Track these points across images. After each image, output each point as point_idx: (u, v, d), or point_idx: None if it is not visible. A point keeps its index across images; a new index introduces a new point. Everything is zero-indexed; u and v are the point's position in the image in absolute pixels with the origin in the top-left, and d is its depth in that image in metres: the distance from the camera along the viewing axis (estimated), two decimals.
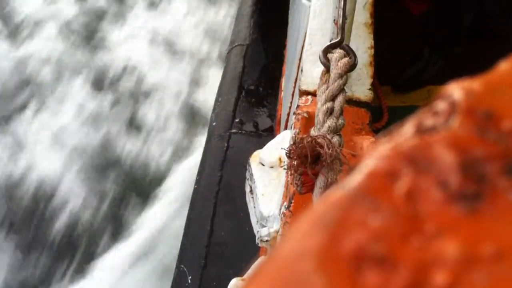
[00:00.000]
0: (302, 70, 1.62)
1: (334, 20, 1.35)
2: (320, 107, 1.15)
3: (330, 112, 1.14)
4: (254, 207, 1.60)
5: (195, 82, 4.97)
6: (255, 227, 1.58)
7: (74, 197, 4.32)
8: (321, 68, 1.24)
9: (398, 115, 1.36)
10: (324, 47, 1.25)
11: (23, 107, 4.90)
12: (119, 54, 5.26)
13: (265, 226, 1.52)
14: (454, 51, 2.88)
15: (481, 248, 0.24)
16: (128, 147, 4.61)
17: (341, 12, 1.30)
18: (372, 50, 1.66)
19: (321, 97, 1.17)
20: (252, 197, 1.62)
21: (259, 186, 1.58)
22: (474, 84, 0.29)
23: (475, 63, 0.84)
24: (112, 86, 5.04)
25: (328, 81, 1.18)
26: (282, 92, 3.22)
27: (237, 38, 3.88)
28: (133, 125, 4.77)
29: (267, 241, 1.50)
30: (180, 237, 2.92)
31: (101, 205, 4.29)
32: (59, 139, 4.62)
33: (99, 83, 5.03)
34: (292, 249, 0.26)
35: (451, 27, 2.82)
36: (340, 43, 1.26)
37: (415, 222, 0.25)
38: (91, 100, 4.89)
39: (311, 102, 1.50)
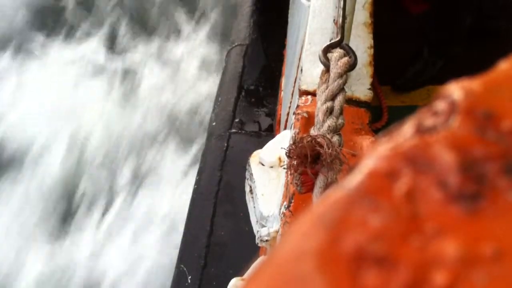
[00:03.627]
0: (301, 69, 1.62)
1: (334, 19, 1.35)
2: (320, 106, 1.15)
3: (330, 111, 1.14)
4: (254, 207, 1.60)
5: None
6: (255, 227, 1.58)
7: None
8: (321, 67, 1.24)
9: (398, 115, 1.36)
10: (323, 46, 1.25)
11: None
12: None
13: (265, 226, 1.52)
14: (453, 51, 2.89)
15: (480, 248, 0.24)
16: None
17: (340, 12, 1.30)
18: (372, 50, 1.66)
19: (320, 97, 1.17)
20: (252, 197, 1.62)
21: (259, 186, 1.58)
22: (474, 84, 0.29)
23: (475, 63, 0.84)
24: None
25: (328, 81, 1.18)
26: (282, 92, 3.22)
27: (237, 38, 3.88)
28: None
29: (267, 241, 1.50)
30: None
31: None
32: None
33: None
34: (292, 249, 0.26)
35: (451, 27, 2.82)
36: (340, 43, 1.26)
37: (415, 222, 0.25)
38: None
39: (311, 101, 1.51)
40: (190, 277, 2.70)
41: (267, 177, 1.59)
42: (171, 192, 4.10)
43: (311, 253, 0.25)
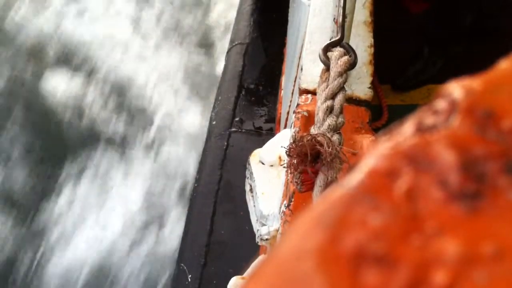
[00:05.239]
0: (302, 68, 1.62)
1: (334, 18, 1.35)
2: (320, 105, 1.15)
3: (330, 110, 1.14)
4: (254, 205, 1.60)
5: None
6: (255, 226, 1.58)
7: None
8: (321, 66, 1.23)
9: (398, 113, 1.36)
10: (324, 45, 1.25)
11: None
12: None
13: (265, 225, 1.52)
14: (453, 51, 2.89)
15: (481, 247, 0.24)
16: None
17: (341, 11, 1.30)
18: (372, 49, 1.66)
19: (321, 96, 1.17)
20: (252, 196, 1.62)
21: (259, 184, 1.58)
22: (474, 83, 0.29)
23: (475, 62, 0.84)
24: None
25: (328, 80, 1.18)
26: (282, 91, 3.22)
27: (237, 37, 3.88)
28: None
29: (267, 239, 1.50)
30: None
31: None
32: None
33: None
34: (292, 247, 0.26)
35: (451, 27, 2.82)
36: (340, 41, 1.26)
37: (415, 221, 0.25)
38: None
39: (311, 100, 1.50)
40: (190, 276, 2.70)
41: (267, 176, 1.59)
42: None
43: (311, 252, 0.25)
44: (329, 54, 1.23)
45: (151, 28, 5.39)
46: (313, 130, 1.13)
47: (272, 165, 1.61)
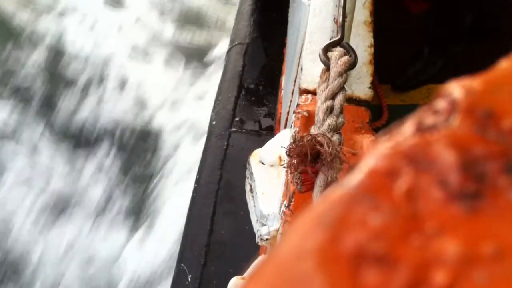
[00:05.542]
0: (302, 68, 1.62)
1: (334, 18, 1.35)
2: (320, 105, 1.15)
3: (330, 110, 1.14)
4: (254, 206, 1.60)
5: None
6: (255, 226, 1.58)
7: None
8: (321, 66, 1.23)
9: (398, 113, 1.36)
10: (324, 45, 1.25)
11: None
12: None
13: (265, 225, 1.52)
14: (453, 51, 2.89)
15: (481, 247, 0.24)
16: None
17: (341, 11, 1.30)
18: (372, 49, 1.66)
19: (321, 96, 1.17)
20: (252, 196, 1.62)
21: (259, 184, 1.58)
22: (474, 82, 0.29)
23: (475, 62, 0.84)
24: None
25: (328, 80, 1.18)
26: (282, 91, 3.22)
27: (237, 37, 3.88)
28: None
29: (267, 240, 1.50)
30: None
31: None
32: None
33: None
34: (292, 248, 0.26)
35: (451, 27, 2.83)
36: (340, 41, 1.26)
37: (415, 221, 0.25)
38: None
39: (311, 100, 1.50)
40: (190, 276, 2.70)
41: (267, 176, 1.59)
42: None
43: (311, 252, 0.25)
44: (329, 54, 1.23)
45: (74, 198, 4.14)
46: (313, 130, 1.13)
47: (272, 165, 1.61)
